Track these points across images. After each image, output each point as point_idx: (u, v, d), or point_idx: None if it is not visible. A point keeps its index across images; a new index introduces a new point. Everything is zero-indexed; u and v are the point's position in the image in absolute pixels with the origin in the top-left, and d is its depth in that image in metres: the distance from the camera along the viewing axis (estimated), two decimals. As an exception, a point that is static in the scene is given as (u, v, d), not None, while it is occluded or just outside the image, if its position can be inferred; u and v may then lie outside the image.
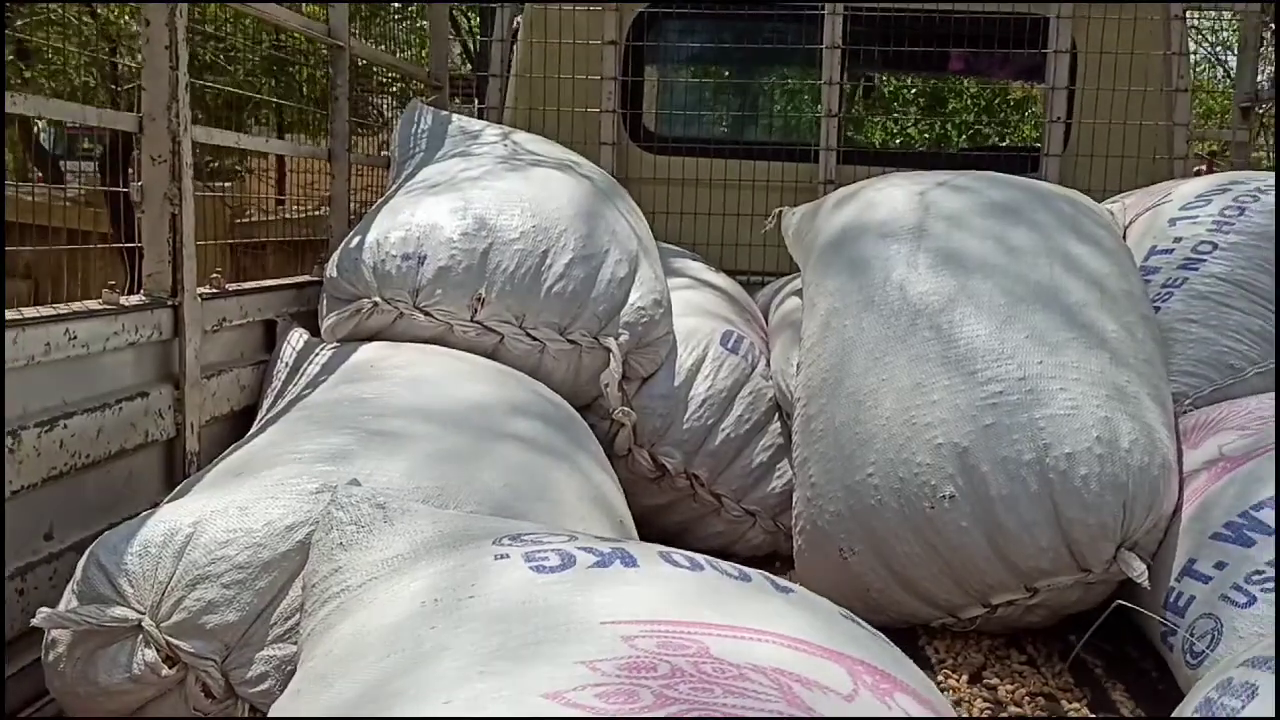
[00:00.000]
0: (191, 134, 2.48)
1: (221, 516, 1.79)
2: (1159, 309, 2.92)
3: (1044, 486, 2.36)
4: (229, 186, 9.11)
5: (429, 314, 2.85)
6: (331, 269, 2.92)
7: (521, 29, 4.34)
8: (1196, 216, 3.07)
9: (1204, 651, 2.09)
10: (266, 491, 1.86)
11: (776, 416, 3.17)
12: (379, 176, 4.50)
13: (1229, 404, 2.68)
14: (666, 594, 1.33)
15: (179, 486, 2.10)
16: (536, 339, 2.90)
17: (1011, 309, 2.59)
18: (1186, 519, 2.37)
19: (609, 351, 2.93)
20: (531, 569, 1.42)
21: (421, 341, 2.84)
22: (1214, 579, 2.18)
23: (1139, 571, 2.30)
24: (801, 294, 3.14)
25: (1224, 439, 2.50)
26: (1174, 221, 3.11)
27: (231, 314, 2.75)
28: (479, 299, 2.85)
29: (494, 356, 2.87)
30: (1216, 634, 2.09)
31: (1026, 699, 2.30)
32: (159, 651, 1.70)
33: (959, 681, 2.37)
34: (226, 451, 2.22)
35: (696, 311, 3.33)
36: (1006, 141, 8.58)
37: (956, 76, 6.59)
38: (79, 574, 1.79)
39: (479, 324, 2.86)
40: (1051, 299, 2.62)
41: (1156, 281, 3.00)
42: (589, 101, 4.27)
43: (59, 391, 2.09)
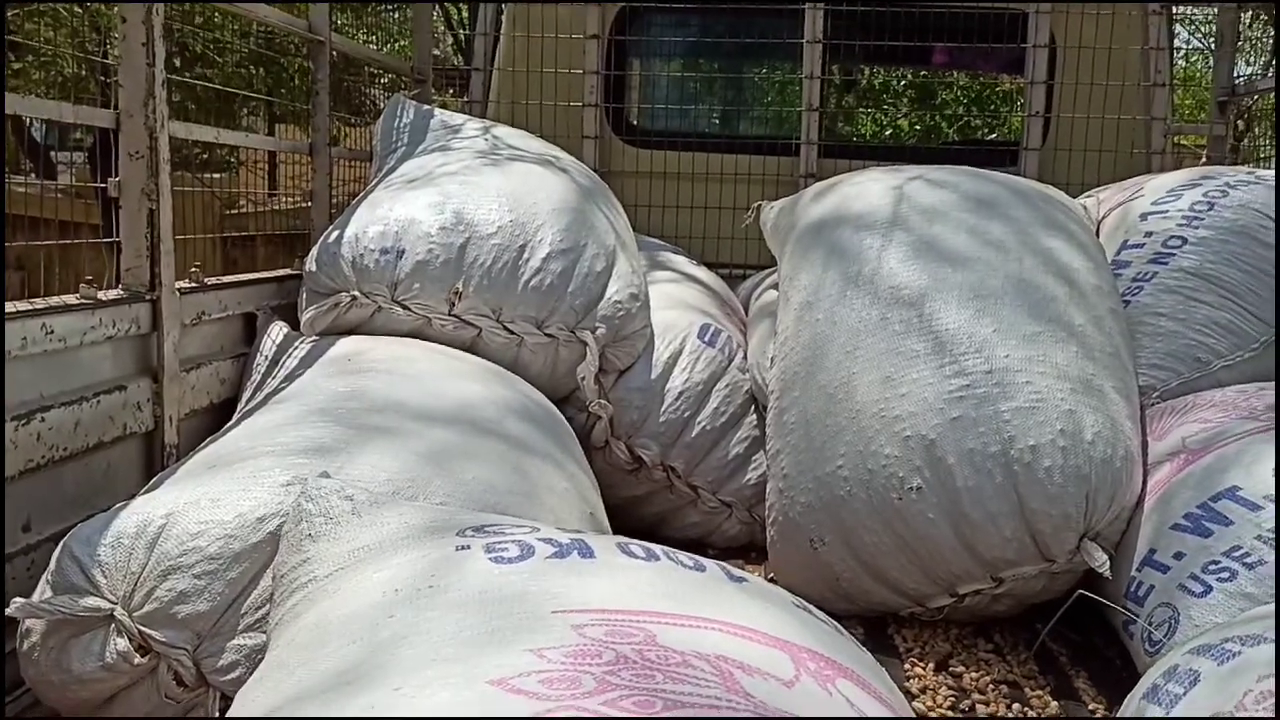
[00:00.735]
0: (170, 129, 2.51)
1: (194, 508, 1.83)
2: (1129, 303, 2.96)
3: (1009, 478, 2.40)
4: (220, 178, 9.11)
5: (407, 308, 2.88)
6: (310, 263, 2.95)
7: (504, 23, 4.36)
8: (1167, 211, 3.11)
9: (1161, 640, 2.13)
10: (239, 484, 1.89)
11: (753, 409, 3.20)
12: (368, 170, 4.53)
13: (1194, 396, 2.72)
14: (619, 584, 1.37)
15: (154, 479, 2.13)
16: (514, 332, 2.93)
17: (981, 303, 2.63)
18: (1148, 510, 2.41)
19: (585, 345, 2.96)
20: (491, 559, 1.46)
21: (400, 335, 2.88)
22: (1172, 569, 2.22)
23: (1101, 562, 2.34)
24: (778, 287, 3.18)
25: (1187, 431, 2.54)
26: (1145, 216, 3.15)
27: (211, 308, 2.78)
28: (456, 293, 2.88)
29: (472, 350, 2.91)
30: (1173, 623, 2.14)
31: (991, 687, 2.34)
32: (131, 641, 1.74)
33: (925, 670, 2.41)
34: (202, 444, 2.25)
35: (675, 305, 3.36)
36: (995, 135, 8.63)
37: (938, 70, 6.61)
38: (53, 565, 1.82)
39: (456, 317, 2.90)
40: (1021, 293, 2.65)
41: (1127, 275, 3.03)
42: (572, 95, 4.30)
43: (36, 385, 2.12)
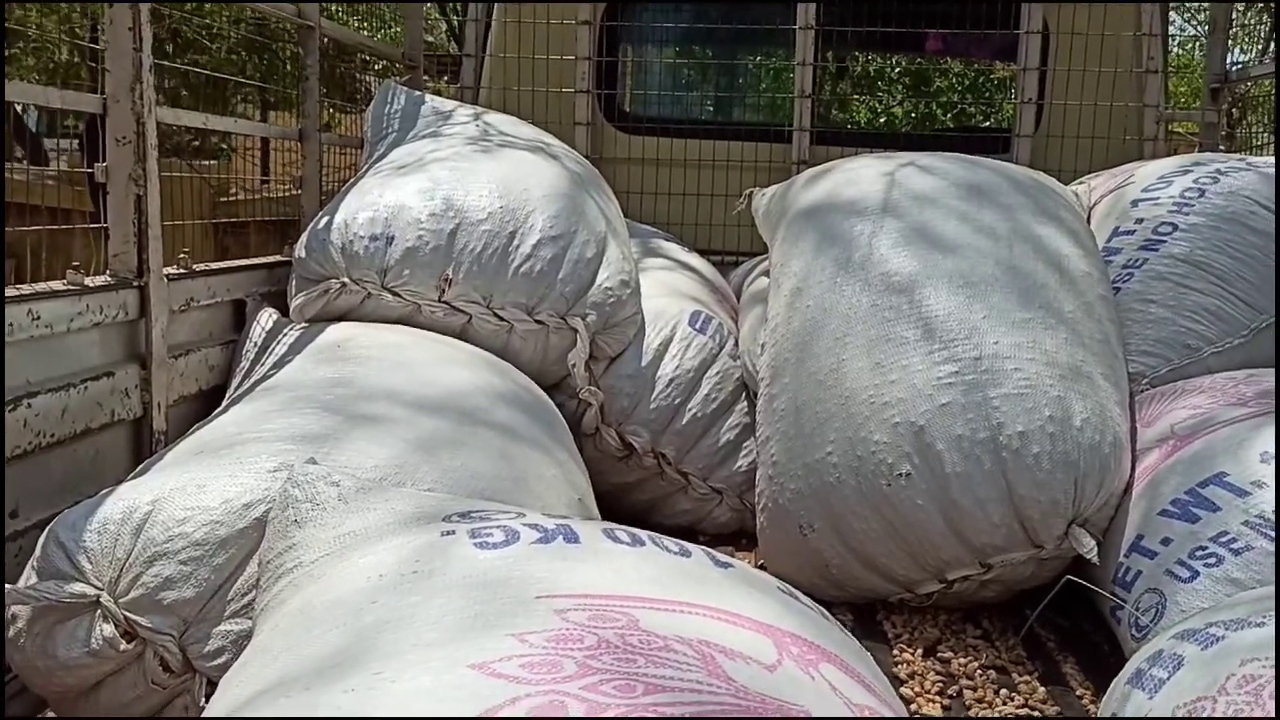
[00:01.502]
0: (157, 115, 2.50)
1: (180, 494, 1.83)
2: (1119, 289, 2.96)
3: (997, 464, 2.40)
4: (213, 165, 9.08)
5: (397, 294, 2.87)
6: (300, 249, 2.94)
7: (496, 9, 4.35)
8: (1158, 198, 3.11)
9: (1148, 626, 2.14)
10: (225, 470, 1.89)
11: (743, 396, 3.20)
12: (360, 157, 4.52)
13: (1184, 383, 2.72)
14: (603, 569, 1.37)
15: (141, 465, 2.13)
16: (504, 319, 2.93)
17: (971, 289, 2.62)
18: (1136, 496, 2.41)
19: (576, 332, 2.96)
20: (475, 545, 1.45)
21: (390, 322, 2.87)
22: (1159, 554, 2.22)
23: (1089, 548, 2.34)
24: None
25: (1176, 417, 2.54)
26: (1136, 203, 3.15)
27: (200, 294, 2.77)
28: (446, 279, 2.88)
29: (461, 336, 2.90)
30: (1160, 608, 2.14)
31: (979, 672, 2.35)
32: (117, 627, 1.74)
33: (914, 655, 2.42)
34: (190, 431, 2.25)
35: (666, 292, 3.36)
36: (990, 122, 8.61)
37: (931, 57, 6.60)
38: (39, 551, 1.82)
39: (446, 304, 2.89)
40: (1011, 280, 2.65)
41: (1118, 262, 3.04)
42: (564, 82, 4.29)
43: (22, 371, 2.11)
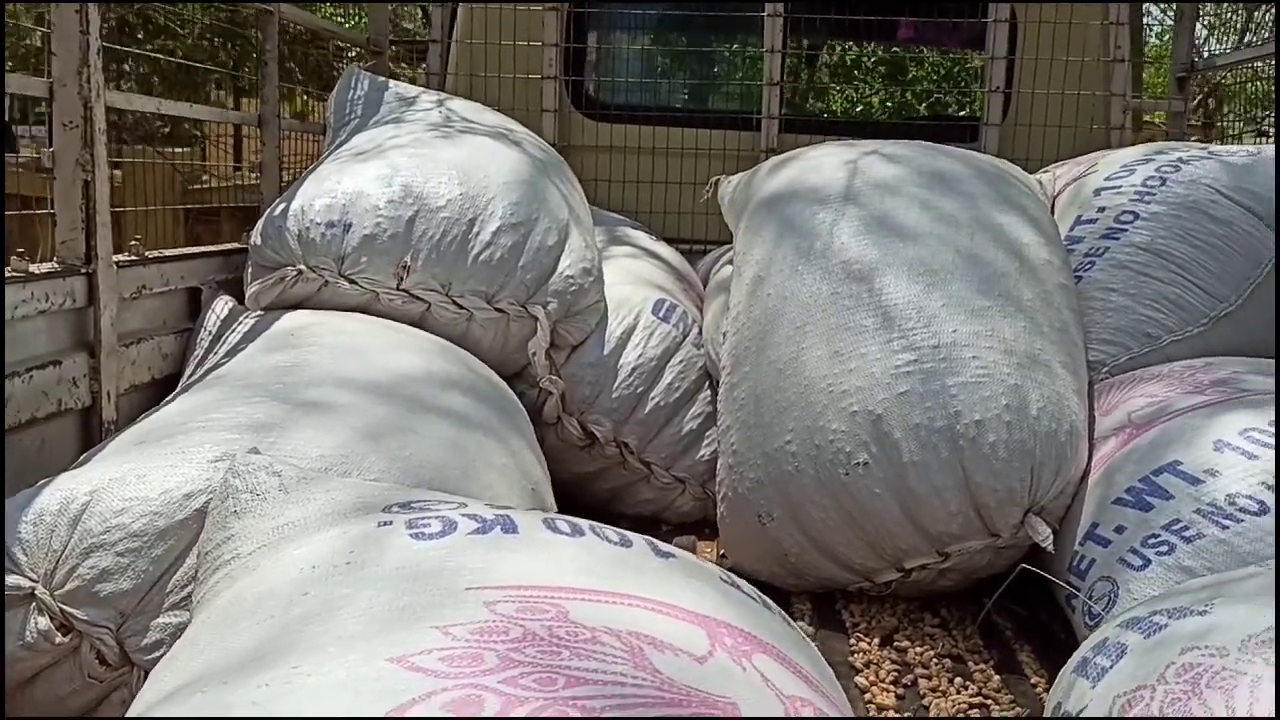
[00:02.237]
0: (106, 99, 2.45)
1: (119, 485, 1.80)
2: (1081, 278, 2.96)
3: (954, 453, 2.39)
4: (184, 152, 9.00)
5: (354, 282, 2.84)
6: (255, 236, 2.90)
7: (463, -6, 4.31)
8: (1120, 186, 3.10)
9: (1100, 614, 2.14)
10: (167, 460, 1.86)
11: (707, 385, 3.19)
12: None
13: (1142, 371, 2.73)
14: (538, 560, 1.35)
15: (83, 455, 2.10)
16: (463, 307, 2.90)
17: (931, 278, 2.61)
18: (1092, 484, 2.41)
19: (536, 320, 2.93)
20: (411, 535, 1.43)
21: (347, 309, 2.84)
22: (1113, 543, 2.22)
23: (1044, 536, 2.34)
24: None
25: (1133, 406, 2.54)
26: (1099, 191, 3.15)
27: (152, 281, 2.73)
28: (404, 267, 2.85)
29: (420, 325, 2.87)
30: (1112, 596, 2.14)
31: (934, 661, 2.34)
32: (53, 619, 1.71)
33: (871, 644, 2.42)
34: (137, 420, 2.22)
35: (630, 280, 3.34)
36: (966, 111, 8.62)
37: (903, 46, 6.59)
38: (-26, 542, 1.78)
39: (405, 292, 2.86)
40: (971, 268, 2.64)
41: (1080, 251, 3.03)
42: (531, 68, 4.25)
43: (-36, 359, 2.08)
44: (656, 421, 3.12)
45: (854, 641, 2.43)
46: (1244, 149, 3.19)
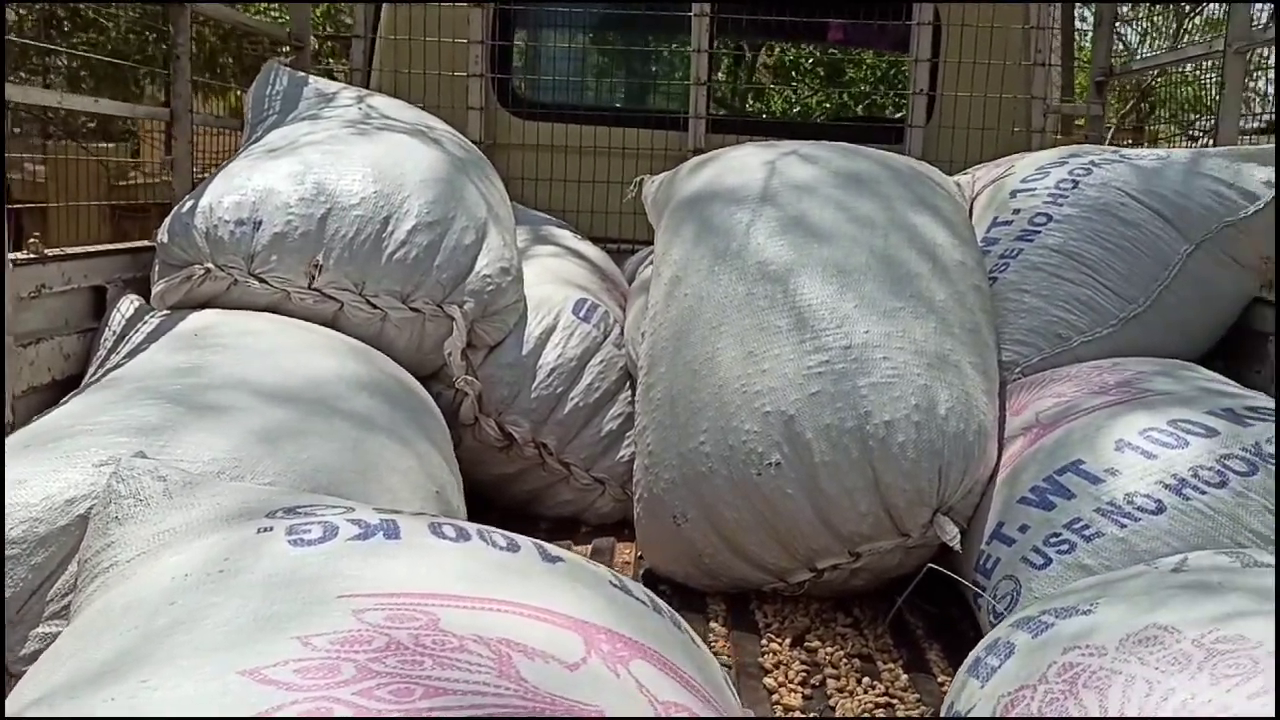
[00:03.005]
0: (8, 94, 2.38)
1: (-2, 490, 1.74)
2: (996, 279, 2.99)
3: (864, 453, 2.40)
4: (111, 148, 8.80)
5: (264, 281, 2.79)
6: (162, 234, 2.84)
7: (387, -11, 4.25)
8: (1034, 189, 3.14)
9: (1003, 613, 2.15)
10: (50, 464, 1.80)
11: (628, 385, 3.18)
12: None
13: (1052, 372, 2.76)
14: (416, 567, 1.33)
15: (-34, 460, 2.02)
16: (377, 307, 2.86)
17: (845, 279, 2.62)
18: (1000, 484, 2.43)
19: (452, 320, 2.90)
20: (290, 542, 1.40)
21: (257, 309, 2.78)
22: (1017, 542, 2.24)
23: (952, 535, 2.36)
24: (654, 262, 3.14)
25: (1041, 406, 2.57)
26: (1014, 194, 3.18)
27: (53, 280, 2.66)
28: (316, 266, 2.80)
29: (333, 325, 2.83)
30: (1015, 595, 2.16)
31: (844, 660, 2.35)
32: (-75, 630, 1.65)
33: (782, 645, 2.42)
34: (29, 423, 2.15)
35: (551, 279, 3.31)
36: (902, 113, 8.71)
37: (832, 47, 6.63)
38: None
39: (317, 291, 2.81)
40: (884, 269, 2.66)
41: (995, 252, 3.06)
42: (456, 65, 4.21)
43: None
44: (576, 422, 3.10)
45: (765, 642, 2.44)
46: (1154, 152, 3.24)
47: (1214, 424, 2.21)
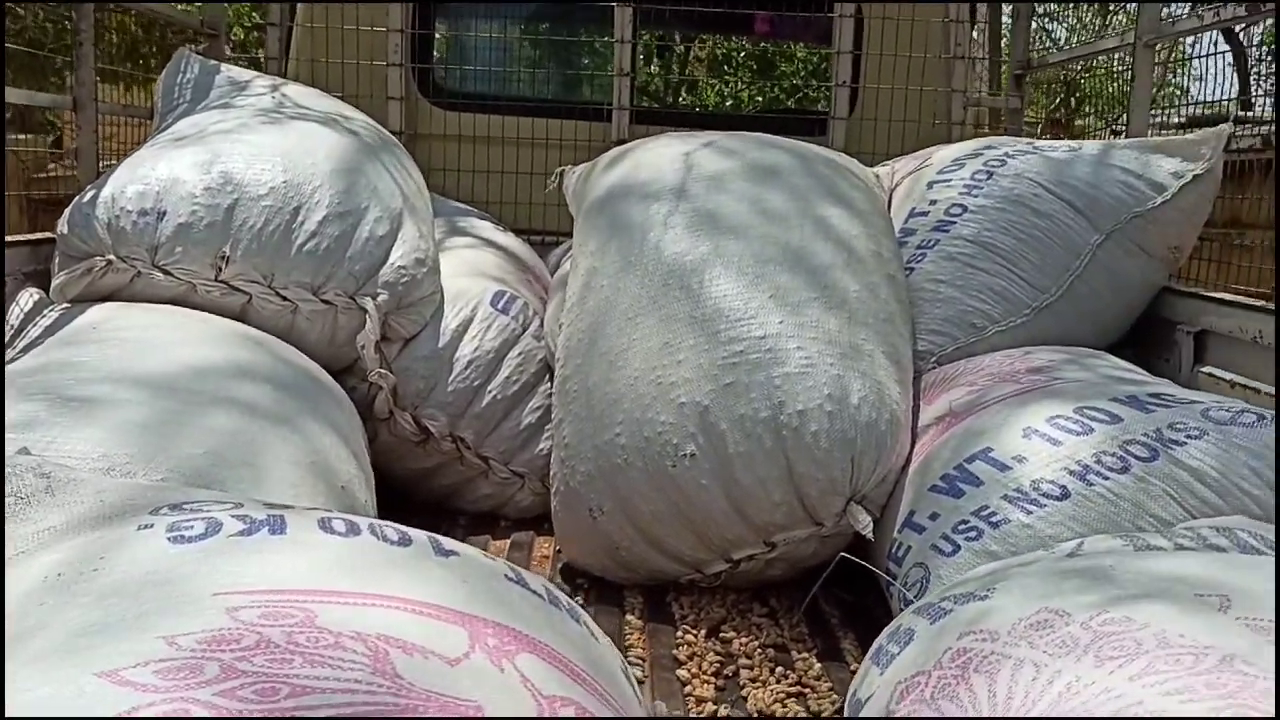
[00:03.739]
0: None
1: None
2: (913, 270, 3.01)
3: (778, 443, 2.40)
4: (26, 139, 8.55)
5: (169, 273, 2.72)
6: (62, 225, 2.75)
7: (303, -25, 4.17)
8: (950, 180, 3.17)
9: (913, 601, 2.16)
10: (-75, 463, 1.73)
11: (547, 378, 3.14)
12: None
13: (965, 361, 2.78)
14: (299, 562, 1.29)
15: None
16: (288, 299, 2.80)
17: (759, 270, 2.62)
18: (912, 472, 2.45)
19: (365, 312, 2.85)
20: (170, 539, 1.35)
21: (162, 302, 2.71)
22: (928, 530, 2.26)
23: (865, 524, 2.36)
24: (575, 254, 3.11)
25: (954, 395, 2.59)
26: (931, 185, 3.21)
27: (-56, 273, 2.56)
28: (223, 257, 2.73)
29: (242, 318, 2.76)
30: (924, 583, 2.17)
31: (758, 651, 2.35)
32: None
33: (697, 636, 2.41)
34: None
35: (469, 271, 3.27)
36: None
37: (757, 39, 6.65)
38: None
39: (224, 283, 2.75)
40: (799, 260, 2.66)
41: (912, 243, 3.08)
42: (376, 54, 4.14)
43: None
44: (494, 415, 3.06)
45: (680, 634, 2.43)
46: (1066, 144, 3.29)
47: (1118, 410, 2.24)
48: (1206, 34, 3.79)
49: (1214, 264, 3.74)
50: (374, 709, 1.00)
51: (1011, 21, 4.51)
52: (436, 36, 4.51)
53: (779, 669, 2.28)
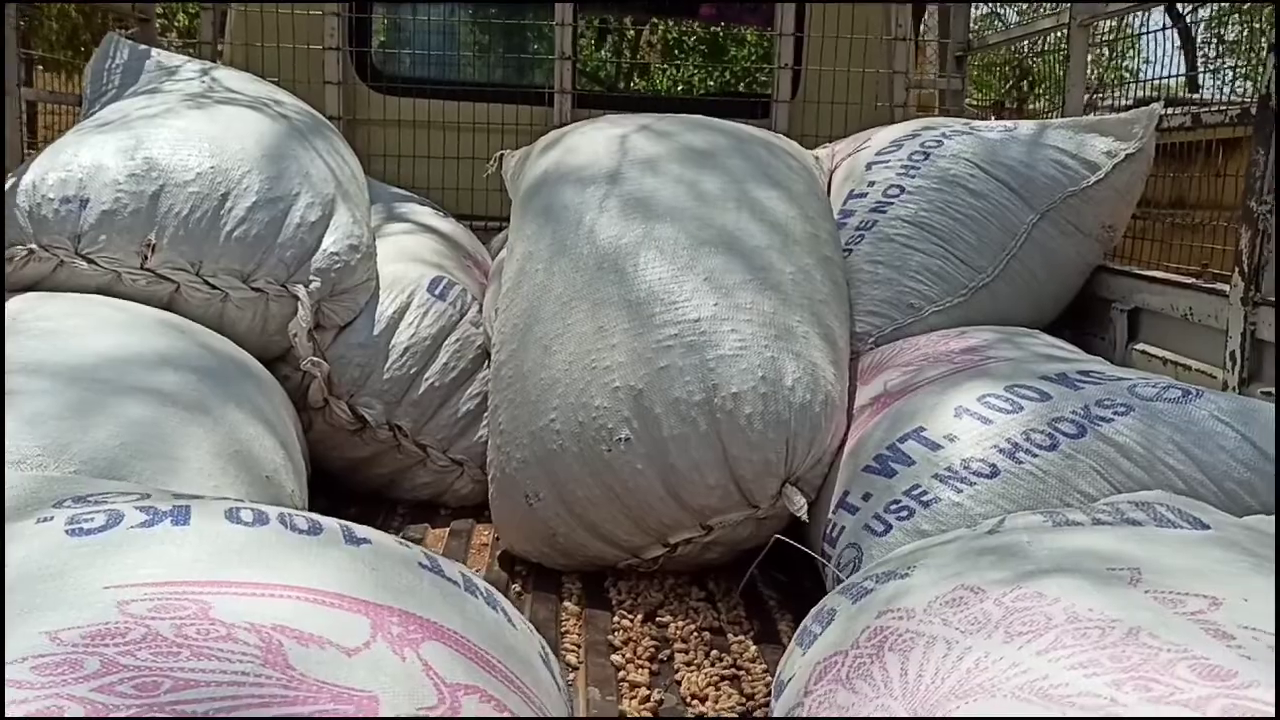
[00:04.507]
0: None
1: None
2: (851, 251, 3.01)
3: (712, 426, 2.39)
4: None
5: (93, 261, 2.66)
6: (-20, 214, 2.68)
7: (237, -42, 4.09)
8: (888, 161, 3.17)
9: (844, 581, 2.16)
10: None
11: (485, 364, 3.11)
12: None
13: (902, 342, 2.79)
14: (199, 553, 1.26)
15: None
16: (216, 287, 2.75)
17: (693, 253, 2.60)
18: (847, 453, 2.44)
19: (297, 299, 2.80)
20: (68, 531, 1.32)
21: (87, 291, 2.65)
22: (860, 510, 2.26)
23: (799, 506, 2.36)
24: (513, 239, 3.08)
25: (890, 376, 2.60)
26: (870, 166, 3.21)
27: None
28: (149, 245, 2.68)
29: (170, 306, 2.71)
30: (857, 563, 2.17)
31: (694, 634, 2.34)
32: None
33: (634, 621, 2.40)
34: None
35: (406, 257, 3.23)
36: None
37: (702, 23, 6.63)
38: None
39: (150, 272, 2.69)
40: (733, 243, 2.64)
41: (851, 224, 3.08)
42: (312, 38, 4.07)
43: None
44: (432, 403, 3.03)
45: (617, 619, 2.41)
46: (1002, 124, 3.30)
47: (1047, 388, 2.25)
48: (1155, 11, 3.81)
49: (1157, 244, 3.77)
50: (260, 700, 0.97)
51: (952, 3, 4.50)
52: (375, 20, 4.44)
53: (714, 652, 2.27)
